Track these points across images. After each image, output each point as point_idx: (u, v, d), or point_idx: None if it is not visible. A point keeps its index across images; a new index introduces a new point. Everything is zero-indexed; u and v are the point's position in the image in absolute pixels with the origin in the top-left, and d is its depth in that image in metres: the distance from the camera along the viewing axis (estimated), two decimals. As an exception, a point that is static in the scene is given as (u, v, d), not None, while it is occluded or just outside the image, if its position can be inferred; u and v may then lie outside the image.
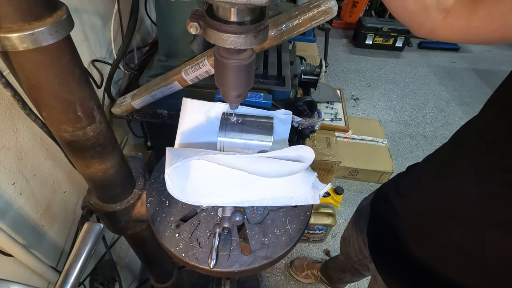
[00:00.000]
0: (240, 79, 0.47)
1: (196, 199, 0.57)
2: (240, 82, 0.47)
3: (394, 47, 3.69)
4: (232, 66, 0.44)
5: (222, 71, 0.46)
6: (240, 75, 0.46)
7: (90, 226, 0.49)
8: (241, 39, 0.38)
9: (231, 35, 0.38)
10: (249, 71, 0.47)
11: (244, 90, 0.50)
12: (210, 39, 0.39)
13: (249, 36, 0.39)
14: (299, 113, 0.91)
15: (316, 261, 1.67)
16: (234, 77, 0.46)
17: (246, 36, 0.38)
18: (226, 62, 0.44)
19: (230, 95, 0.50)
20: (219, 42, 0.39)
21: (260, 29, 0.39)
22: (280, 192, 0.60)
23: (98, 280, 0.92)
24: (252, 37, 0.39)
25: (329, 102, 1.97)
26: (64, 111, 0.43)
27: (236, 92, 0.50)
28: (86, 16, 0.84)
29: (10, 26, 0.32)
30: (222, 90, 0.50)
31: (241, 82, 0.47)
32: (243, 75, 0.46)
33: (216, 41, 0.39)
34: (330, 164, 1.64)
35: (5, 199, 0.61)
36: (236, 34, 0.38)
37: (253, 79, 0.50)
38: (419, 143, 2.54)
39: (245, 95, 0.52)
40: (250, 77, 0.48)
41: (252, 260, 0.54)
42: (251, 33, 0.39)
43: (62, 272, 0.45)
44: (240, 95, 0.51)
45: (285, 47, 1.11)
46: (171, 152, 0.56)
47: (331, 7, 0.70)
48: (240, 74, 0.46)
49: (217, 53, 0.45)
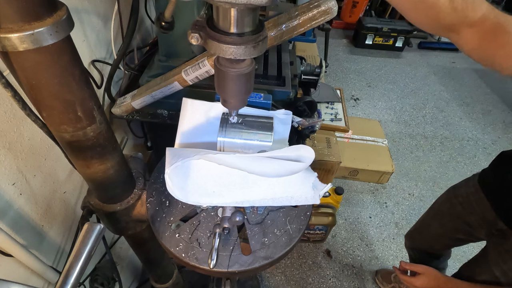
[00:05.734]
0: (240, 87, 0.48)
1: (196, 199, 0.57)
2: (240, 90, 0.48)
3: (394, 47, 3.69)
4: (232, 75, 0.45)
5: (222, 79, 0.47)
6: (240, 83, 0.47)
7: (90, 227, 0.49)
8: (241, 50, 0.39)
9: (231, 46, 0.39)
10: (249, 80, 0.48)
11: (243, 98, 0.51)
12: (211, 49, 0.40)
13: (249, 46, 0.39)
14: (299, 113, 0.91)
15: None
16: (234, 85, 0.47)
17: (246, 47, 0.39)
18: (226, 71, 0.45)
19: (230, 103, 0.52)
20: (219, 52, 0.40)
21: (259, 40, 0.40)
22: (280, 192, 0.60)
23: (98, 280, 0.92)
24: (252, 47, 0.40)
25: (329, 102, 1.97)
26: (64, 111, 0.43)
27: (236, 100, 0.51)
28: (86, 16, 0.84)
29: (10, 26, 0.32)
30: (222, 98, 0.51)
31: (241, 90, 0.48)
32: (243, 84, 0.47)
33: (216, 52, 0.40)
34: (330, 164, 1.64)
35: (5, 199, 0.61)
36: (236, 45, 0.39)
37: (252, 86, 0.51)
38: (419, 143, 2.54)
39: (244, 102, 0.53)
40: (250, 85, 0.49)
41: (252, 260, 0.54)
42: (251, 43, 0.39)
43: (62, 272, 0.45)
44: (239, 102, 0.52)
45: (285, 47, 1.11)
46: (171, 152, 0.56)
47: (331, 7, 0.70)
48: (240, 83, 0.47)
49: (217, 62, 0.46)
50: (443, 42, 3.91)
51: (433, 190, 2.18)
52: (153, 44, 1.17)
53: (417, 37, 3.98)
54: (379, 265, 1.76)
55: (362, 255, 1.81)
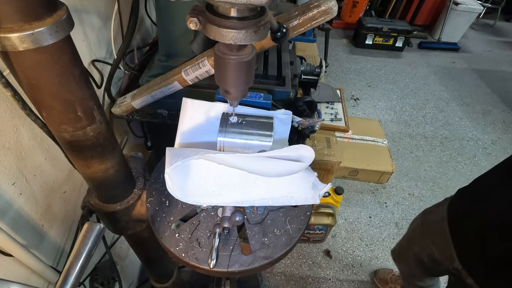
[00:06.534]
0: (240, 76, 0.46)
1: (196, 198, 0.57)
2: (240, 79, 0.46)
3: (394, 47, 3.70)
4: (232, 63, 0.44)
5: (222, 68, 0.45)
6: (241, 72, 0.45)
7: (90, 226, 0.49)
8: (242, 34, 0.38)
9: (232, 30, 0.37)
10: (250, 68, 0.46)
11: (244, 88, 0.49)
12: (210, 34, 0.39)
13: (250, 31, 0.38)
14: (299, 113, 0.91)
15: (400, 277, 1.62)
16: (234, 74, 0.45)
17: (247, 32, 0.38)
18: (226, 58, 0.43)
19: (231, 93, 0.49)
20: (219, 37, 0.38)
21: (261, 25, 0.39)
22: (280, 192, 0.60)
23: (98, 280, 0.92)
24: (253, 32, 0.38)
25: (329, 102, 1.97)
26: (64, 111, 0.43)
27: (236, 90, 0.49)
28: (86, 16, 0.84)
29: (10, 26, 0.32)
30: (222, 88, 0.49)
31: (241, 79, 0.47)
32: (244, 72, 0.46)
33: (216, 37, 0.38)
34: (330, 164, 1.64)
35: (5, 199, 0.61)
36: (237, 30, 0.37)
37: (253, 76, 0.49)
38: (419, 143, 2.54)
39: (245, 93, 0.51)
40: (251, 75, 0.47)
41: (252, 260, 0.54)
42: (252, 28, 0.38)
43: (62, 272, 0.45)
44: (240, 93, 0.50)
45: (285, 47, 1.11)
46: (171, 152, 0.56)
47: (331, 7, 0.70)
48: (241, 71, 0.45)
49: (217, 50, 0.44)
50: (443, 42, 3.92)
51: (433, 190, 2.18)
52: (153, 44, 1.17)
53: (417, 37, 3.99)
54: (379, 265, 1.76)
55: (362, 255, 1.81)
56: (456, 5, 3.66)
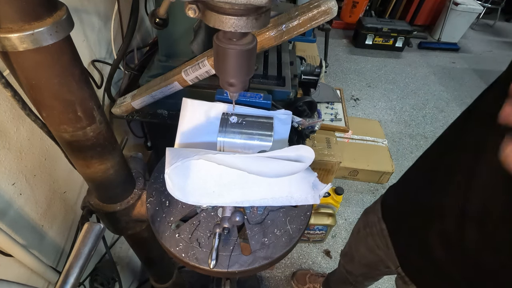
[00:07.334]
0: (241, 66, 0.44)
1: (196, 199, 0.57)
2: (241, 70, 0.45)
3: (394, 47, 3.70)
4: (232, 52, 0.42)
5: (222, 57, 0.44)
6: (241, 62, 0.44)
7: (90, 227, 0.49)
8: (242, 21, 0.36)
9: (232, 17, 0.36)
10: (250, 58, 0.44)
11: (244, 79, 0.47)
12: (210, 22, 0.37)
13: (251, 18, 0.36)
14: (299, 113, 0.91)
15: (319, 275, 1.64)
16: (235, 64, 0.44)
17: (247, 19, 0.36)
18: (226, 47, 0.42)
19: (231, 84, 0.48)
20: (219, 25, 0.37)
21: (262, 12, 0.37)
22: (280, 192, 0.60)
23: (98, 280, 0.92)
24: (254, 19, 0.37)
25: (329, 102, 1.97)
26: (64, 111, 0.43)
27: (236, 81, 0.47)
28: (86, 16, 0.84)
29: (10, 26, 0.32)
30: (222, 79, 0.48)
31: (242, 69, 0.45)
32: (244, 62, 0.44)
33: (215, 24, 0.37)
34: (330, 164, 1.64)
35: (5, 199, 0.61)
36: (237, 16, 0.36)
37: (254, 67, 0.47)
38: (419, 143, 2.54)
39: (245, 85, 0.49)
40: (251, 65, 0.46)
41: (252, 260, 0.54)
42: (253, 15, 0.36)
43: (62, 272, 0.45)
44: (240, 84, 0.48)
45: (285, 48, 1.11)
46: (171, 152, 0.56)
47: (331, 8, 0.70)
48: (241, 61, 0.44)
49: (217, 39, 0.42)
50: (443, 42, 3.92)
51: (433, 190, 2.18)
52: (153, 44, 1.17)
53: (417, 37, 3.99)
54: (379, 265, 1.76)
55: (362, 255, 1.81)
56: (456, 5, 3.66)
